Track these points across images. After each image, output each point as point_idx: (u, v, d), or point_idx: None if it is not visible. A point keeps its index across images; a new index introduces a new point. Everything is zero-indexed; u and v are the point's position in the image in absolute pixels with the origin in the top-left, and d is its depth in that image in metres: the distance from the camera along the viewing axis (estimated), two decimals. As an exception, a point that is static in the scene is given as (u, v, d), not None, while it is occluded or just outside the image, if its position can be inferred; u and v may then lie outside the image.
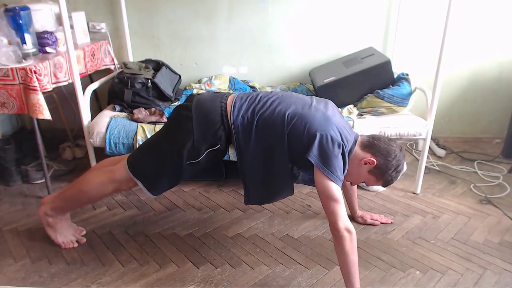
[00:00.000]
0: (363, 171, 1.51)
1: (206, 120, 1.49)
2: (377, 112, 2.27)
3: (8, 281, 1.53)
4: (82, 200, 1.71)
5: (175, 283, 1.53)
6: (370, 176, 1.52)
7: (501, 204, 2.11)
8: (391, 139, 1.53)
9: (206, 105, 1.52)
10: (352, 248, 1.32)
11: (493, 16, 2.65)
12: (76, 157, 2.62)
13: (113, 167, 1.61)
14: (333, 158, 1.36)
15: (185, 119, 1.50)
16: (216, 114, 1.49)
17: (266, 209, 2.06)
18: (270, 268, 1.62)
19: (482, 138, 2.99)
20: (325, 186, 1.35)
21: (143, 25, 2.72)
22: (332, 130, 1.40)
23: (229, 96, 1.56)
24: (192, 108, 1.50)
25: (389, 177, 1.50)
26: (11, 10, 1.96)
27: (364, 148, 1.50)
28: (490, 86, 2.84)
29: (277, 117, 1.46)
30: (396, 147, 1.49)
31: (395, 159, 1.47)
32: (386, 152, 1.47)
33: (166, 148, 1.53)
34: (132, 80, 2.26)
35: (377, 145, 1.49)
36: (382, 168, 1.48)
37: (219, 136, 1.50)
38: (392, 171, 1.48)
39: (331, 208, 1.35)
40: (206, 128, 1.49)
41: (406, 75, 2.34)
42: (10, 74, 1.85)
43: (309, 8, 2.69)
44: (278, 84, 2.86)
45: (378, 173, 1.49)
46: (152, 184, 1.57)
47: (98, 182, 1.60)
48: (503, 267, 1.63)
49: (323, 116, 1.45)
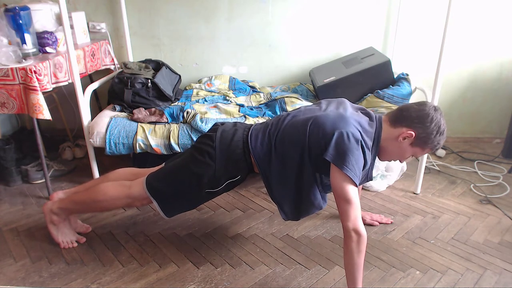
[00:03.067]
0: (405, 146, 1.41)
1: (229, 153, 1.51)
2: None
3: (8, 281, 1.53)
4: (92, 208, 1.73)
5: (175, 283, 1.53)
6: (415, 148, 1.42)
7: (501, 204, 2.11)
8: (421, 102, 1.41)
9: (229, 137, 1.53)
10: (359, 250, 1.30)
11: (493, 16, 2.65)
12: (76, 157, 2.62)
13: (130, 182, 1.61)
14: (350, 154, 1.31)
15: (208, 150, 1.51)
16: (238, 147, 1.51)
17: (266, 209, 2.06)
18: (270, 268, 1.62)
19: (482, 138, 2.99)
20: (340, 185, 1.32)
21: (143, 25, 2.72)
22: (349, 126, 1.35)
23: (250, 127, 1.59)
24: (216, 140, 1.52)
25: (435, 142, 1.39)
26: (11, 10, 1.96)
27: (396, 124, 1.40)
28: (490, 86, 2.84)
29: (293, 131, 1.46)
30: (429, 108, 1.37)
31: (433, 122, 1.36)
32: (421, 118, 1.36)
33: (187, 174, 1.53)
34: (132, 80, 2.26)
35: (408, 115, 1.38)
36: (424, 136, 1.37)
37: (241, 168, 1.53)
38: (436, 135, 1.37)
39: (343, 208, 1.33)
40: (228, 160, 1.51)
41: (406, 75, 2.34)
42: (10, 74, 1.85)
43: (309, 8, 2.69)
44: (278, 84, 2.86)
45: (422, 142, 1.39)
46: (167, 206, 1.58)
47: (113, 195, 1.60)
48: (503, 267, 1.63)
49: (337, 115, 1.42)
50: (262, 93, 2.64)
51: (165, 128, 2.11)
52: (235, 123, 1.64)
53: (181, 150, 2.10)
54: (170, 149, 2.09)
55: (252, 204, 2.12)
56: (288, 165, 1.48)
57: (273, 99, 2.45)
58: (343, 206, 1.32)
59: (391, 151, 1.45)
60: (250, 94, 2.65)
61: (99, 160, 2.28)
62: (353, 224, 1.30)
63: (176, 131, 2.10)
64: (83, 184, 1.87)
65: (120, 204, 1.65)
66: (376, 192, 2.24)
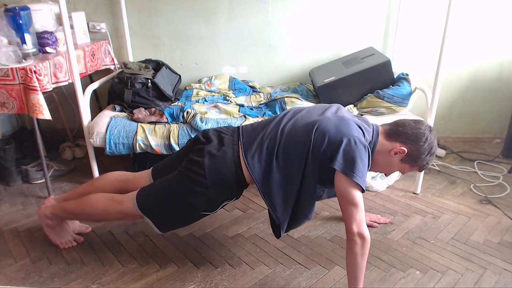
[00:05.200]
0: (395, 162, 1.42)
1: (222, 179, 1.43)
2: (377, 112, 2.27)
3: (8, 281, 1.53)
4: (82, 218, 1.75)
5: (175, 283, 1.53)
6: (404, 164, 1.43)
7: (501, 204, 2.11)
8: (417, 120, 1.42)
9: (219, 162, 1.43)
10: (362, 253, 1.30)
11: (493, 16, 2.65)
12: (76, 157, 2.62)
13: (121, 197, 1.55)
14: (359, 161, 1.29)
15: (199, 179, 1.42)
16: (231, 171, 1.43)
17: (266, 209, 2.05)
18: (270, 268, 1.62)
19: (482, 138, 2.99)
20: (347, 190, 1.30)
21: (143, 25, 2.72)
22: (354, 131, 1.33)
23: (239, 143, 1.47)
24: (205, 168, 1.42)
25: (423, 162, 1.41)
26: (11, 10, 1.96)
27: (390, 138, 1.41)
28: (490, 86, 2.84)
29: (295, 142, 1.40)
30: (425, 128, 1.39)
31: (426, 142, 1.37)
32: (416, 137, 1.37)
33: (179, 202, 1.47)
34: (132, 80, 2.26)
35: (404, 131, 1.39)
36: (415, 154, 1.38)
37: (235, 190, 1.50)
38: (426, 155, 1.39)
39: (348, 211, 1.31)
40: (222, 186, 1.45)
41: (406, 75, 2.34)
42: (10, 74, 1.85)
43: (309, 8, 2.69)
44: (278, 84, 2.86)
45: (412, 160, 1.40)
46: (161, 223, 1.52)
47: (104, 209, 1.55)
48: (503, 267, 1.63)
49: (339, 118, 1.39)
50: (262, 93, 2.64)
51: (165, 128, 2.11)
52: (219, 137, 1.51)
53: (181, 150, 2.09)
54: (170, 149, 2.09)
55: (252, 204, 2.12)
56: (289, 179, 1.42)
57: (273, 99, 2.45)
58: (349, 209, 1.31)
59: (380, 163, 1.45)
60: (250, 94, 2.65)
61: (99, 160, 2.28)
62: (358, 227, 1.29)
63: (176, 131, 2.10)
64: (73, 191, 1.82)
65: (112, 218, 1.62)
66: (376, 192, 2.24)
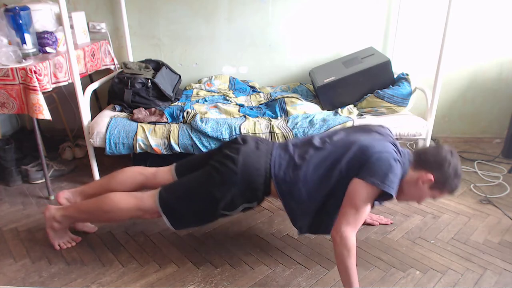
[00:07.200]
0: (424, 190, 1.43)
1: (251, 181, 1.48)
2: (377, 112, 2.27)
3: (8, 281, 1.53)
4: (98, 218, 1.69)
5: (175, 283, 1.53)
6: (433, 191, 1.44)
7: (501, 204, 2.11)
8: (437, 145, 1.44)
9: (253, 164, 1.49)
10: (338, 254, 1.33)
11: (493, 16, 2.65)
12: (76, 157, 2.62)
13: (142, 194, 1.57)
14: (391, 174, 1.33)
15: (230, 174, 1.47)
16: (261, 176, 1.48)
17: (266, 209, 2.05)
18: (270, 268, 1.62)
19: (482, 138, 2.99)
20: (359, 194, 1.33)
21: (143, 25, 2.72)
22: (388, 147, 1.39)
23: (271, 155, 1.53)
24: (238, 164, 1.47)
25: (452, 186, 1.41)
26: (11, 10, 1.96)
27: (416, 167, 1.44)
28: (490, 86, 2.84)
29: (326, 161, 1.45)
30: (446, 152, 1.41)
31: (450, 166, 1.38)
32: (438, 163, 1.39)
33: (204, 195, 1.50)
34: (132, 80, 2.26)
35: (426, 159, 1.42)
36: (442, 180, 1.40)
37: (259, 195, 1.52)
38: (453, 179, 1.40)
39: (348, 213, 1.34)
40: (249, 187, 1.48)
41: (406, 75, 2.34)
42: (10, 74, 1.85)
43: (309, 8, 2.69)
44: (278, 84, 2.86)
45: (440, 186, 1.41)
46: (178, 221, 1.56)
47: (123, 207, 1.56)
48: (503, 267, 1.63)
49: (373, 138, 1.46)
50: (262, 93, 2.64)
51: (165, 128, 2.11)
52: (256, 143, 1.57)
53: (181, 150, 2.10)
54: (170, 149, 2.09)
55: (252, 204, 2.11)
56: (313, 196, 1.45)
57: (273, 99, 2.45)
58: (350, 212, 1.34)
59: (409, 193, 1.47)
60: (250, 94, 2.65)
61: (99, 160, 2.28)
62: (346, 228, 1.32)
63: (176, 131, 2.10)
64: (91, 183, 1.83)
65: (129, 215, 1.60)
66: (376, 192, 2.24)
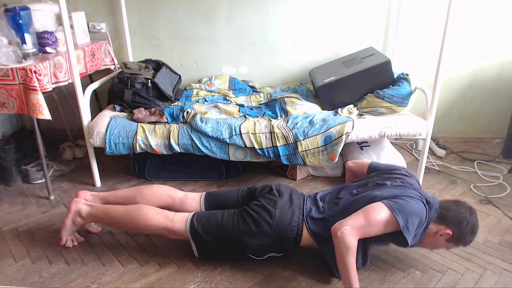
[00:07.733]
0: (441, 241, 1.53)
1: (283, 234, 1.54)
2: (377, 112, 2.27)
3: (8, 281, 1.53)
4: (124, 226, 1.69)
5: (175, 283, 1.53)
6: (449, 243, 1.54)
7: (501, 204, 2.11)
8: (459, 203, 1.54)
9: (287, 219, 1.55)
10: (336, 249, 1.38)
11: (493, 16, 2.65)
12: (76, 157, 2.62)
13: (173, 215, 1.60)
14: (415, 216, 1.42)
15: (264, 226, 1.53)
16: (293, 231, 1.54)
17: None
18: (270, 268, 1.62)
19: (482, 138, 2.99)
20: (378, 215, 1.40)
21: (143, 25, 2.72)
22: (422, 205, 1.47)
23: (303, 208, 1.61)
24: (275, 218, 1.53)
25: (467, 241, 1.52)
26: (11, 10, 1.96)
27: (437, 221, 1.52)
28: (490, 86, 2.84)
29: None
30: (465, 211, 1.50)
31: (468, 225, 1.48)
32: (458, 220, 1.49)
33: (235, 240, 1.55)
34: (132, 80, 2.26)
35: (448, 215, 1.50)
36: (459, 236, 1.50)
37: (288, 248, 1.58)
38: (469, 236, 1.50)
39: (358, 219, 1.40)
40: (280, 240, 1.55)
41: (406, 75, 2.34)
42: (10, 74, 1.85)
43: (309, 8, 2.69)
44: (278, 84, 2.86)
45: (456, 240, 1.51)
46: (205, 252, 1.62)
47: (153, 224, 1.58)
48: (503, 267, 1.63)
49: (407, 189, 1.54)
50: (262, 93, 2.64)
51: (165, 128, 2.11)
52: (290, 196, 1.63)
53: (181, 150, 2.10)
54: (170, 149, 2.09)
55: (252, 204, 2.11)
56: None
57: (273, 99, 2.45)
58: (360, 220, 1.39)
59: (426, 242, 1.55)
60: (250, 94, 2.65)
61: (99, 160, 2.28)
62: (349, 228, 1.36)
63: (176, 131, 2.10)
64: (114, 192, 1.81)
65: (155, 232, 1.62)
66: (376, 192, 2.24)
